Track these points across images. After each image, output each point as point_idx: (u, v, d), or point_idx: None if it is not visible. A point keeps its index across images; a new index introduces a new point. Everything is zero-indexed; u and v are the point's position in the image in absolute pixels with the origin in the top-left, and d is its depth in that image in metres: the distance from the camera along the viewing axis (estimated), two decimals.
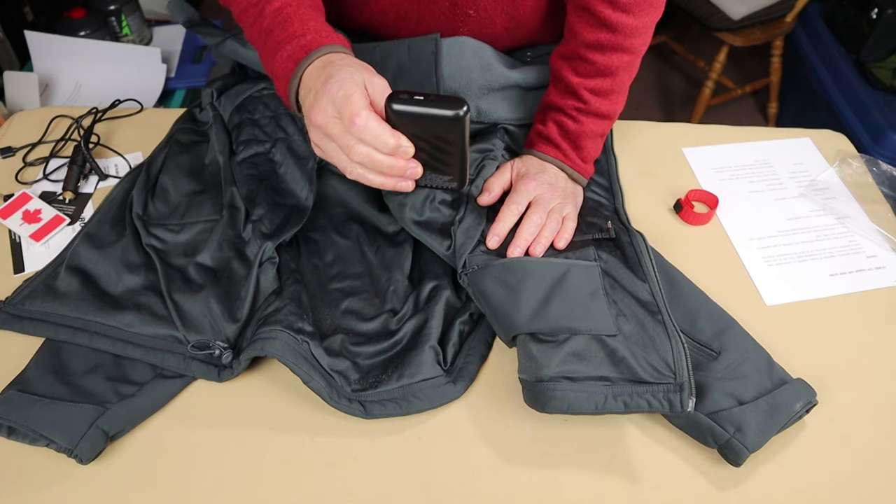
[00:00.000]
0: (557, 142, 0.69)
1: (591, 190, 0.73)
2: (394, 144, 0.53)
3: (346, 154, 0.54)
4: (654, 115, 2.19)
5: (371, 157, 0.53)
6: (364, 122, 0.51)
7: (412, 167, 0.55)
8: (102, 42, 1.25)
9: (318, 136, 0.55)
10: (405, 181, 0.56)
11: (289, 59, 0.58)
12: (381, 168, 0.54)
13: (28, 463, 0.53)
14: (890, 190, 0.78)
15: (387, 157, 0.53)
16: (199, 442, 0.55)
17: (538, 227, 0.63)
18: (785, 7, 1.85)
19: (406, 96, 0.52)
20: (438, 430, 0.56)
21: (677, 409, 0.52)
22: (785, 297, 0.67)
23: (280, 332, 0.56)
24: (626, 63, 0.67)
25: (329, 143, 0.55)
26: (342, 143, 0.53)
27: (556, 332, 0.55)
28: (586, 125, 0.68)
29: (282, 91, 0.60)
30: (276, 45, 0.59)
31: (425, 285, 0.62)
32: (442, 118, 0.52)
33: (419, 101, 0.52)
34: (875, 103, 1.68)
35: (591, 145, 0.70)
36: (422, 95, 0.52)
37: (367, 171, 0.55)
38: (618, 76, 0.67)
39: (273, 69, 0.60)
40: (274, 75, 0.61)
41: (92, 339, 0.58)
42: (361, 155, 0.53)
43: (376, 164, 0.54)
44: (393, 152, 0.53)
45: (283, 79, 0.59)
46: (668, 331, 0.56)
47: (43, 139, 0.80)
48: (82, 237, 0.65)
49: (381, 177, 0.55)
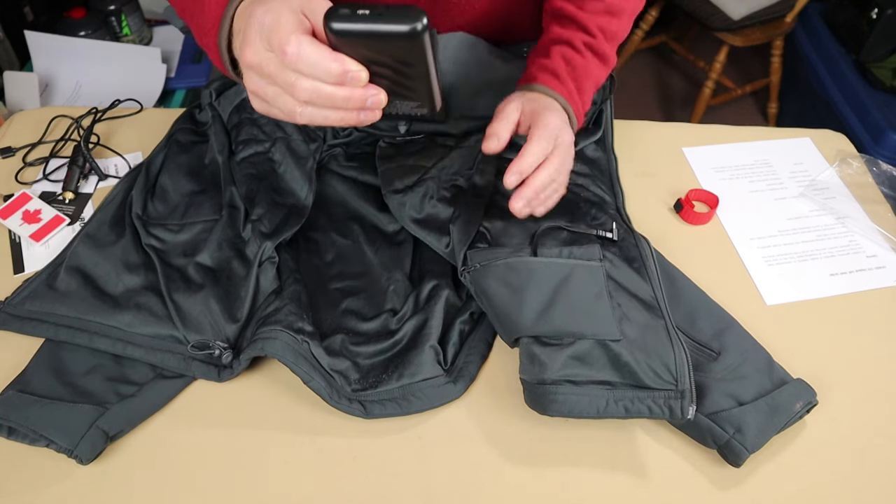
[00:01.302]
0: (563, 78, 0.62)
1: (596, 185, 0.72)
2: (338, 70, 0.42)
3: (291, 94, 0.44)
4: (654, 115, 2.19)
5: (319, 90, 0.43)
6: (296, 49, 0.41)
7: (372, 94, 0.45)
8: (102, 42, 1.25)
9: (255, 81, 0.46)
10: (369, 111, 0.46)
11: (217, 3, 0.49)
12: (334, 102, 0.44)
13: (28, 463, 0.53)
14: (890, 190, 0.78)
15: (339, 88, 0.43)
16: (199, 442, 0.55)
17: (552, 178, 0.57)
18: (785, 7, 1.85)
19: (347, 11, 0.41)
20: (439, 430, 0.56)
21: (678, 416, 0.52)
22: (785, 297, 0.67)
23: (280, 331, 0.56)
24: (632, 8, 0.65)
25: (269, 87, 0.45)
26: (282, 82, 0.43)
27: (559, 336, 0.55)
28: (591, 64, 0.63)
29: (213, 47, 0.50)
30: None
31: (425, 285, 0.62)
32: (395, 35, 0.41)
33: (364, 16, 0.41)
34: (875, 103, 1.68)
35: (589, 92, 0.64)
36: (367, 8, 0.41)
37: (319, 109, 0.45)
38: (622, 19, 0.65)
39: (201, 23, 0.50)
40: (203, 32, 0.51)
41: (92, 340, 0.58)
42: (307, 91, 0.43)
43: (328, 99, 0.44)
44: (340, 81, 0.43)
45: (212, 30, 0.49)
46: (670, 336, 0.56)
47: (43, 139, 0.80)
48: (82, 237, 0.65)
49: (339, 112, 0.45)
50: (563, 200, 0.68)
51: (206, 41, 0.51)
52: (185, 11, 0.55)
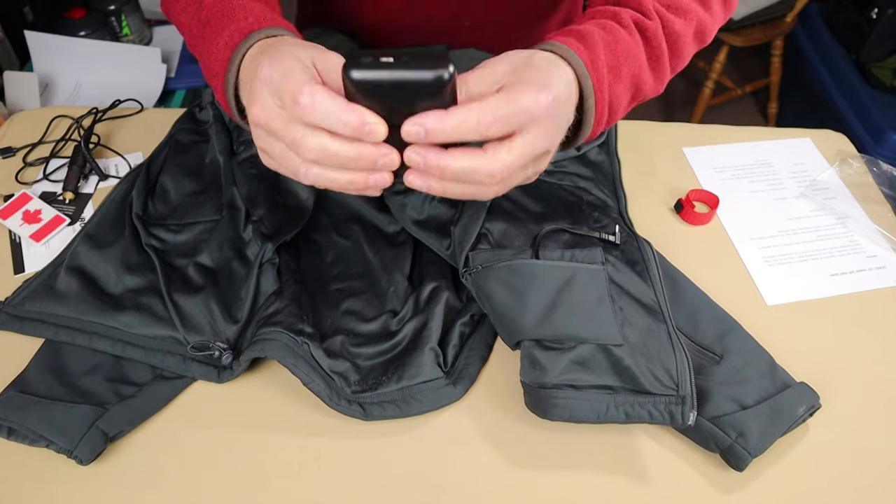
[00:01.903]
0: (593, 43, 0.48)
1: (599, 189, 0.72)
2: (355, 122, 0.39)
3: (296, 153, 0.41)
4: (655, 115, 2.19)
5: (327, 148, 0.40)
6: (309, 99, 0.38)
7: (384, 154, 0.40)
8: (102, 42, 1.25)
9: (263, 139, 0.43)
10: (379, 174, 0.42)
11: (225, 46, 0.47)
12: (342, 162, 0.40)
13: (28, 463, 0.53)
14: (890, 190, 0.78)
15: (348, 146, 0.40)
16: (198, 443, 0.55)
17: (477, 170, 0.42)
18: (785, 7, 1.85)
19: (370, 59, 0.38)
20: (439, 432, 0.56)
21: (678, 422, 0.52)
22: (785, 297, 0.67)
23: (280, 333, 0.56)
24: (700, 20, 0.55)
25: (276, 144, 0.42)
26: (289, 139, 0.40)
27: (561, 340, 0.55)
28: (637, 49, 0.50)
29: (220, 92, 0.49)
30: (213, 37, 0.48)
31: (425, 286, 0.62)
32: (422, 84, 0.38)
33: (387, 63, 0.37)
34: (875, 103, 1.68)
35: (625, 81, 0.50)
36: (390, 56, 0.38)
37: (326, 169, 0.41)
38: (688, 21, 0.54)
39: (209, 65, 0.49)
40: (212, 75, 0.49)
41: (91, 340, 0.58)
42: (314, 150, 0.40)
43: (336, 158, 0.40)
44: (357, 134, 0.39)
45: (219, 75, 0.47)
46: (672, 341, 0.56)
47: (43, 139, 0.80)
48: (82, 237, 0.65)
49: (347, 173, 0.41)
50: (566, 203, 0.69)
51: (214, 84, 0.50)
52: (194, 48, 0.54)
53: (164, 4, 0.61)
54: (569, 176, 0.72)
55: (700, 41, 0.59)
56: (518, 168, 0.43)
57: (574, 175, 0.73)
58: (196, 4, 0.53)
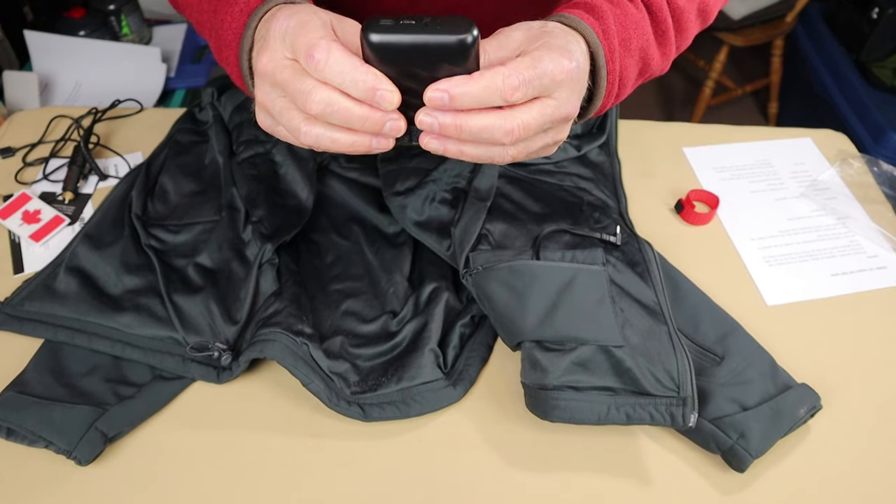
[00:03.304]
0: (603, 14, 0.46)
1: (599, 189, 0.72)
2: (368, 84, 0.37)
3: (301, 105, 0.39)
4: (655, 114, 2.19)
5: (336, 103, 0.38)
6: (324, 55, 0.37)
7: (393, 118, 0.39)
8: (102, 42, 1.25)
9: (266, 91, 0.41)
10: (383, 139, 0.41)
11: (241, 13, 0.45)
12: (349, 120, 0.39)
13: (27, 464, 0.53)
14: (891, 190, 0.78)
15: (357, 105, 0.38)
16: (197, 444, 0.54)
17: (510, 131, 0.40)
18: (785, 7, 1.85)
19: (389, 22, 0.37)
20: (439, 433, 0.56)
21: (679, 424, 0.52)
22: (786, 298, 0.67)
23: (279, 334, 0.56)
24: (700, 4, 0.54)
25: (279, 99, 0.41)
26: (294, 90, 0.39)
27: (562, 341, 0.54)
28: (644, 23, 0.49)
29: (233, 62, 0.47)
30: (227, 7, 0.46)
31: (425, 287, 0.62)
32: (443, 48, 0.37)
33: (408, 26, 0.37)
34: (876, 103, 1.68)
35: (634, 54, 0.49)
36: (411, 19, 0.37)
37: (329, 128, 0.40)
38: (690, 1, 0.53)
39: (222, 34, 0.47)
40: (224, 45, 0.47)
41: (91, 341, 0.58)
42: (320, 102, 0.38)
43: (343, 114, 0.38)
44: (368, 96, 0.38)
45: (232, 42, 0.46)
46: (673, 342, 0.55)
47: (42, 139, 0.80)
48: (81, 238, 0.65)
49: (350, 134, 0.40)
50: (566, 204, 0.69)
51: (226, 54, 0.48)
52: (202, 26, 0.52)
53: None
54: (569, 176, 0.72)
55: (703, 19, 0.58)
56: (537, 129, 0.41)
57: (574, 176, 0.73)
58: None
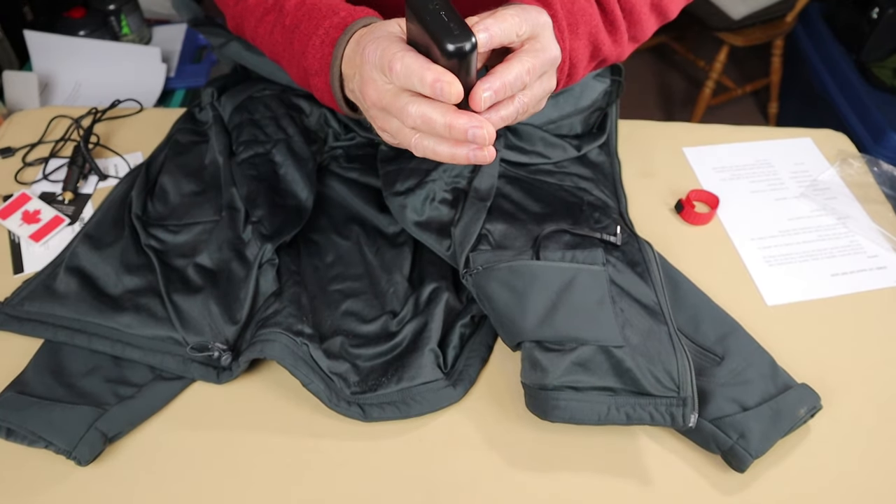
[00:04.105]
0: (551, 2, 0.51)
1: (599, 189, 0.72)
2: (431, 77, 0.41)
3: (404, 122, 0.44)
4: (655, 114, 2.19)
5: (425, 115, 0.42)
6: (399, 63, 0.42)
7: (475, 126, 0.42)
8: (102, 42, 1.24)
9: (381, 118, 0.46)
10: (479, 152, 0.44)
11: (322, 43, 0.50)
12: (435, 130, 0.43)
13: (27, 464, 0.53)
14: (891, 190, 0.78)
15: (440, 113, 0.42)
16: (197, 444, 0.54)
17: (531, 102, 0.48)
18: (785, 7, 1.85)
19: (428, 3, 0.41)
20: (439, 433, 0.56)
21: (679, 424, 0.52)
22: (786, 298, 0.66)
23: (279, 334, 0.56)
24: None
25: (392, 121, 0.46)
26: (396, 110, 0.43)
27: (562, 342, 0.54)
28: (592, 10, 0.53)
29: (323, 88, 0.52)
30: (305, 38, 0.51)
31: (425, 287, 0.62)
32: (440, 47, 0.41)
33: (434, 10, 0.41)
34: (876, 103, 1.68)
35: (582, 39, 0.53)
36: (444, 9, 0.41)
37: (429, 140, 0.44)
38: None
39: (307, 66, 0.52)
40: (310, 74, 0.52)
41: (91, 341, 0.58)
42: (414, 116, 0.43)
43: (430, 126, 0.43)
44: (431, 90, 0.41)
45: (321, 72, 0.50)
46: (673, 343, 0.55)
47: (42, 139, 0.80)
48: (81, 238, 0.65)
49: (448, 145, 0.44)
50: (566, 204, 0.68)
51: (315, 81, 0.52)
52: (278, 55, 0.57)
53: (231, 21, 0.63)
54: (569, 176, 0.72)
55: (659, 14, 0.61)
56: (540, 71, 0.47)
57: (574, 176, 0.73)
58: (276, 13, 0.56)
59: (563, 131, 0.76)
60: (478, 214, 0.63)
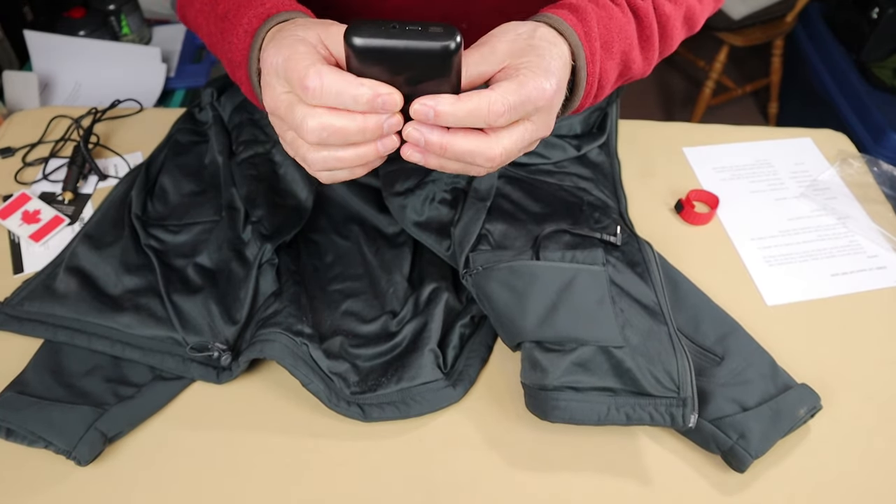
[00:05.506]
0: (586, 15, 0.47)
1: (599, 189, 0.72)
2: (368, 95, 0.38)
3: (301, 135, 0.40)
4: (655, 114, 2.19)
5: (330, 125, 0.38)
6: (317, 81, 0.37)
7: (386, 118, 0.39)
8: (102, 42, 1.24)
9: (278, 125, 0.43)
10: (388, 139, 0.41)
11: (245, 34, 0.47)
12: (347, 137, 0.39)
13: (27, 464, 0.53)
14: (891, 190, 0.78)
15: (352, 119, 0.39)
16: (197, 444, 0.54)
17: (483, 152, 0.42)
18: (785, 7, 1.85)
19: (372, 27, 0.37)
20: (439, 433, 0.56)
21: (679, 424, 0.52)
22: (786, 297, 0.66)
23: (279, 334, 0.56)
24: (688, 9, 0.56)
25: (287, 132, 0.42)
26: (292, 123, 0.39)
27: (562, 342, 0.54)
28: (630, 26, 0.50)
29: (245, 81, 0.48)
30: (231, 28, 0.47)
31: (425, 287, 0.62)
32: (426, 54, 0.38)
33: (393, 31, 0.37)
34: (876, 103, 1.68)
35: (615, 57, 0.50)
36: (394, 23, 0.37)
37: (332, 150, 0.40)
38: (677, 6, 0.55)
39: (231, 56, 0.48)
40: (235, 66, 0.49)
41: (90, 341, 0.58)
42: (315, 129, 0.38)
43: (341, 134, 0.39)
44: (371, 107, 0.38)
45: (242, 64, 0.47)
46: (673, 343, 0.55)
47: (42, 139, 0.80)
48: (81, 238, 0.65)
49: (354, 149, 0.40)
50: (566, 204, 0.68)
51: (239, 74, 0.49)
52: (214, 46, 0.54)
53: (179, 10, 0.61)
54: (569, 177, 0.72)
55: (689, 27, 0.59)
56: (515, 152, 0.44)
57: (574, 176, 0.73)
58: (210, 2, 0.53)
59: (563, 131, 0.76)
60: (477, 214, 0.63)
